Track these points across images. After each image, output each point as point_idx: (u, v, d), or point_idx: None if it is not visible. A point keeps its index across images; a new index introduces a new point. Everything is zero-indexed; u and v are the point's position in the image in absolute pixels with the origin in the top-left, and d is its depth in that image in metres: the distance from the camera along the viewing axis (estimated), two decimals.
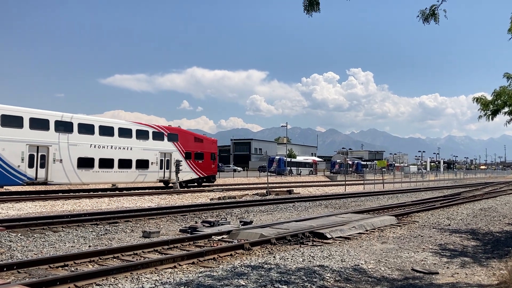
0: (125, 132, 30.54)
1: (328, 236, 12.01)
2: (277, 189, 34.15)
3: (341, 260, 9.03)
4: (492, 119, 15.14)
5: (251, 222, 14.51)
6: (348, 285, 7.29)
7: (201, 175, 36.95)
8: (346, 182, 43.87)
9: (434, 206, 21.59)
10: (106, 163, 28.84)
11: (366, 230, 13.52)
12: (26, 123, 24.90)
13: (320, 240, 11.76)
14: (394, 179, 60.23)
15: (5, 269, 7.85)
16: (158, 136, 32.88)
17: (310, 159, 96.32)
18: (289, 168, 77.77)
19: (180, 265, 8.59)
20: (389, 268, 8.62)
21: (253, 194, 29.68)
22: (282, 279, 7.25)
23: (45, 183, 26.09)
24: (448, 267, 8.89)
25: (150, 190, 30.78)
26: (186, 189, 33.11)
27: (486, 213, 19.33)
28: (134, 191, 29.42)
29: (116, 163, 29.55)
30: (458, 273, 8.38)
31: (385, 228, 14.18)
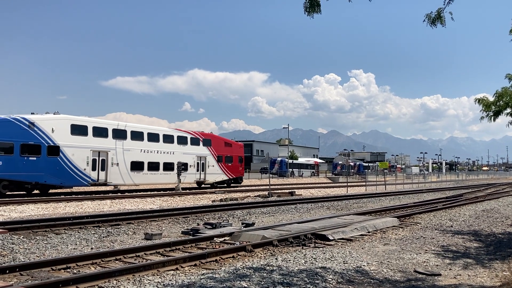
0: (168, 138, 34.31)
1: (330, 237, 12.00)
2: (279, 191, 34.13)
3: (343, 262, 9.02)
4: (494, 120, 15.12)
5: (253, 224, 14.50)
6: (350, 287, 7.28)
7: (230, 177, 40.47)
8: (348, 184, 43.82)
9: (436, 208, 21.56)
10: (153, 166, 32.55)
11: (368, 232, 13.50)
12: (90, 131, 28.56)
13: (322, 242, 11.75)
14: (396, 180, 60.14)
15: (7, 272, 7.86)
16: (195, 141, 36.77)
17: (311, 160, 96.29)
18: (291, 169, 77.77)
19: (182, 267, 8.60)
20: (391, 269, 8.61)
21: (255, 196, 29.68)
22: (284, 281, 7.25)
23: (105, 184, 29.57)
24: (450, 269, 8.87)
25: (152, 192, 30.85)
26: (189, 190, 33.25)
27: (488, 215, 19.29)
28: (136, 193, 29.46)
29: (161, 166, 33.31)
30: (460, 275, 8.36)
31: (387, 230, 14.17)
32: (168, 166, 33.76)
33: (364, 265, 8.77)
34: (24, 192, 26.54)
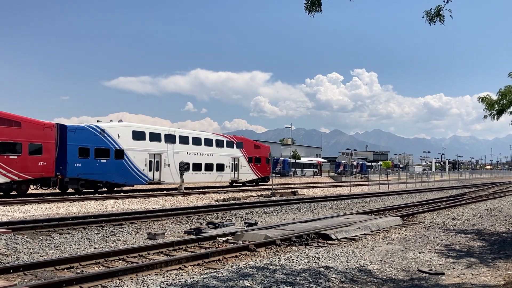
0: (208, 142, 38.08)
1: (333, 237, 11.99)
2: (282, 190, 34.12)
3: (346, 261, 9.01)
4: (497, 118, 15.09)
5: (256, 223, 14.50)
6: (353, 286, 7.27)
7: (259, 176, 43.87)
8: (351, 183, 43.77)
9: (440, 207, 21.51)
10: (197, 167, 36.35)
11: (371, 231, 13.48)
12: (147, 136, 32.59)
13: (325, 241, 11.74)
14: (399, 179, 60.03)
15: (11, 271, 7.88)
16: (230, 144, 40.59)
17: (314, 160, 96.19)
18: (293, 169, 77.70)
19: (185, 266, 8.60)
20: (394, 269, 8.60)
21: (258, 196, 29.68)
22: (288, 280, 7.25)
23: (158, 182, 33.59)
24: (454, 268, 8.85)
25: (155, 192, 30.92)
26: (191, 190, 33.33)
27: (492, 214, 19.24)
28: (139, 193, 29.53)
29: (203, 167, 37.12)
30: (464, 274, 8.34)
31: (391, 229, 14.14)
32: (209, 167, 37.65)
33: (367, 264, 8.75)
34: (92, 190, 29.43)
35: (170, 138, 34.39)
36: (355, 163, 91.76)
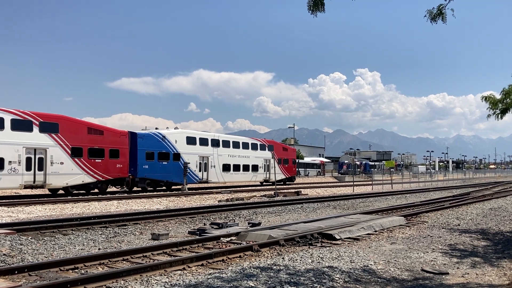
0: (245, 145, 42.70)
1: (337, 237, 11.98)
2: (285, 191, 34.12)
3: (350, 261, 9.00)
4: (501, 118, 15.02)
5: (259, 224, 14.51)
6: (357, 286, 7.27)
7: (287, 176, 48.05)
8: (354, 183, 43.71)
9: (443, 206, 21.46)
10: (236, 168, 40.83)
11: (375, 231, 13.47)
12: (197, 141, 37.32)
13: (329, 241, 11.74)
14: (403, 179, 59.91)
15: (16, 272, 7.92)
16: (262, 147, 44.81)
17: (317, 160, 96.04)
18: (296, 169, 77.56)
19: (189, 267, 8.62)
20: (398, 268, 8.59)
21: (261, 196, 29.69)
22: (291, 280, 7.25)
23: (206, 182, 38.35)
24: (458, 268, 8.83)
25: (159, 193, 30.98)
26: (194, 191, 33.41)
27: (496, 213, 19.17)
28: (142, 194, 29.58)
29: (241, 167, 41.59)
30: (468, 273, 8.32)
31: (394, 229, 14.12)
32: (246, 168, 42.28)
33: (371, 264, 8.75)
34: (151, 188, 33.30)
35: (215, 143, 39.12)
36: (358, 163, 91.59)
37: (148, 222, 15.55)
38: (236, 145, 41.34)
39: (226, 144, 40.27)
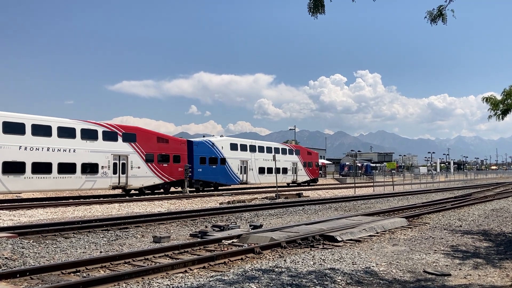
0: (276, 150, 47.29)
1: (339, 239, 11.97)
2: (287, 193, 34.09)
3: (352, 262, 8.99)
4: (502, 118, 15.00)
5: (261, 226, 14.50)
6: (359, 287, 7.26)
7: (311, 178, 53.12)
8: (356, 185, 43.67)
9: (445, 207, 21.42)
10: (269, 170, 44.88)
11: (377, 233, 13.45)
12: (238, 147, 42.39)
13: (330, 243, 11.73)
14: (404, 180, 59.83)
15: (18, 276, 7.92)
16: (291, 152, 50.05)
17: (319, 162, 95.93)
18: None
19: (191, 269, 8.61)
20: (400, 270, 8.57)
21: (263, 198, 29.66)
22: (293, 282, 7.24)
23: (245, 183, 43.11)
24: (460, 269, 8.81)
25: (160, 196, 30.99)
26: (201, 193, 33.44)
27: (498, 214, 19.14)
28: (143, 197, 29.60)
29: (273, 170, 42.96)
30: (470, 275, 8.30)
31: (396, 230, 14.10)
32: (277, 170, 44.94)
33: (373, 266, 8.74)
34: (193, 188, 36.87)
35: (252, 148, 44.31)
36: (359, 164, 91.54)
37: (149, 225, 15.54)
38: (269, 150, 46.20)
39: (261, 149, 45.44)
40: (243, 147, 43.12)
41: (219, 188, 39.81)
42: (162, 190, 33.82)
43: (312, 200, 26.65)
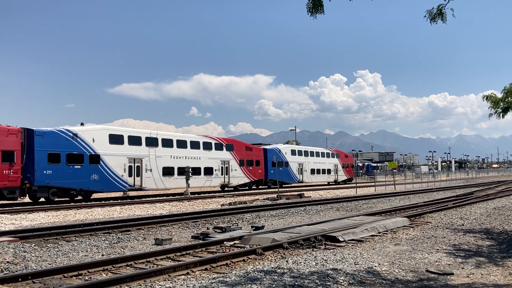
0: (322, 154, 55.67)
1: (341, 239, 11.95)
2: (288, 193, 34.07)
3: (354, 263, 8.98)
4: (503, 116, 14.97)
5: (262, 227, 14.48)
6: (362, 287, 7.25)
7: (347, 177, 60.41)
8: (357, 185, 43.65)
9: (447, 206, 21.39)
10: (318, 171, 53.66)
11: (379, 232, 13.43)
12: (296, 153, 50.98)
13: (332, 243, 11.71)
14: (405, 180, 59.78)
15: (20, 280, 7.91)
16: (332, 155, 57.82)
17: None
18: None
19: (193, 271, 8.60)
20: (403, 270, 8.56)
21: (264, 199, 29.65)
22: (296, 283, 7.23)
23: (302, 182, 51.10)
24: (463, 268, 8.79)
25: (161, 198, 31.01)
26: (196, 195, 33.46)
27: (500, 212, 19.11)
28: (145, 199, 29.60)
29: (321, 171, 54.97)
30: (473, 274, 8.29)
31: (398, 230, 14.08)
32: (324, 171, 55.38)
33: (375, 266, 8.72)
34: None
35: (306, 153, 52.41)
36: (360, 164, 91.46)
37: (151, 227, 15.53)
38: (317, 154, 54.53)
39: (312, 154, 53.49)
40: (300, 153, 51.41)
41: (283, 185, 46.67)
42: (247, 187, 42.35)
43: (313, 201, 26.63)
